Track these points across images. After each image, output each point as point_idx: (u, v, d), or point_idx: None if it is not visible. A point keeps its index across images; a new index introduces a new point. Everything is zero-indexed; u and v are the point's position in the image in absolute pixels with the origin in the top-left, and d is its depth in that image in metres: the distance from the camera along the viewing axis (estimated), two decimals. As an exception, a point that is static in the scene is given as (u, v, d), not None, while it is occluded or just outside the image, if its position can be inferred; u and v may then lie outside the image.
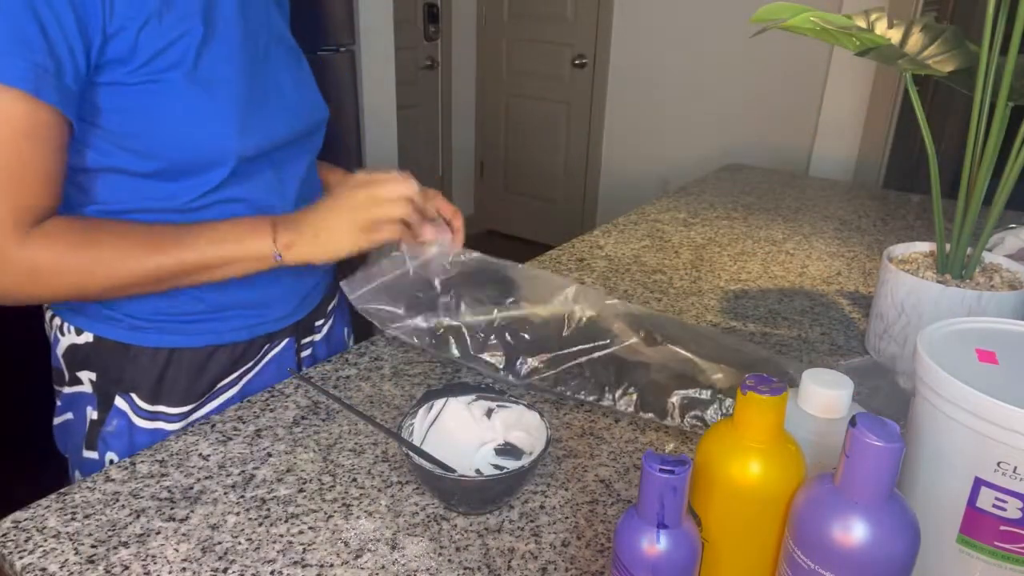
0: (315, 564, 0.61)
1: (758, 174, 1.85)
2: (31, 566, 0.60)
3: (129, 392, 0.84)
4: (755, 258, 1.29)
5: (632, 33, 3.16)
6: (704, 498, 0.52)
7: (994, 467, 0.49)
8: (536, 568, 0.62)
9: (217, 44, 0.76)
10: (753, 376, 0.50)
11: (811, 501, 0.47)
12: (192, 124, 0.75)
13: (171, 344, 0.84)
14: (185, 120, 0.74)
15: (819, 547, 0.46)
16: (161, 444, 0.75)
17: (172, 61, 0.73)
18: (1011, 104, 0.82)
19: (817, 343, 1.00)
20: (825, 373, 0.58)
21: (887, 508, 0.45)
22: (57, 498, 0.67)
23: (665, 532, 0.46)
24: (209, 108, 0.75)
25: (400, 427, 0.69)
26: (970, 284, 0.87)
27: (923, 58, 0.87)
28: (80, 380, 0.85)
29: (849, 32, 0.76)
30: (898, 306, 0.90)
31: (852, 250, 1.35)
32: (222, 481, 0.70)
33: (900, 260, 0.95)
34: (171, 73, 0.73)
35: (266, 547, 0.63)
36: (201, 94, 0.74)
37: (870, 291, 1.17)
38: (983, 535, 0.51)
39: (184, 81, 0.73)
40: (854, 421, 0.44)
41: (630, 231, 1.42)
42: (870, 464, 0.44)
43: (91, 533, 0.63)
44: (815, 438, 0.56)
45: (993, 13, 0.79)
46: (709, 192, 1.67)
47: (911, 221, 1.52)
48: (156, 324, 0.83)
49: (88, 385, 0.85)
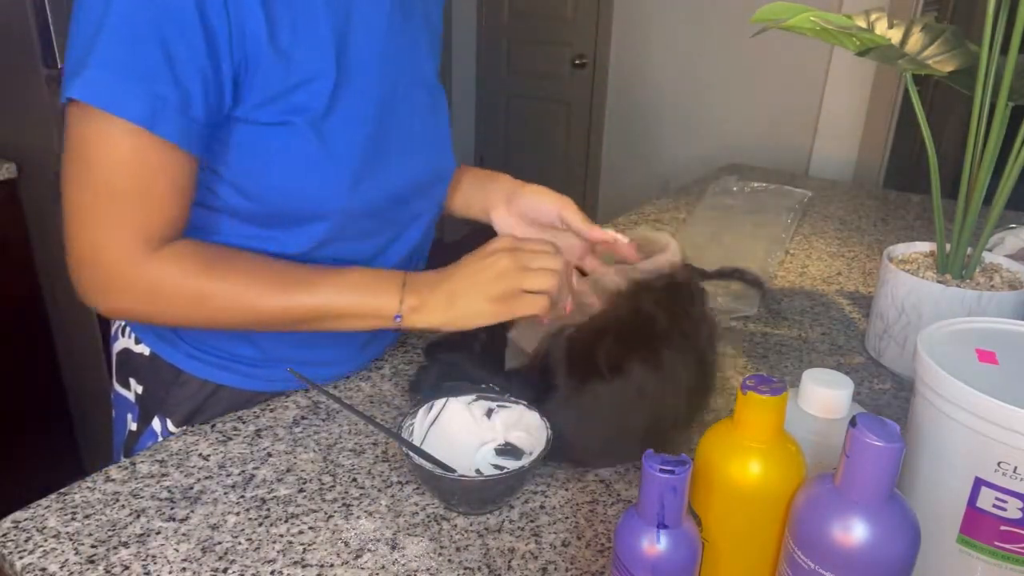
0: (315, 564, 0.61)
1: (758, 174, 1.85)
2: (31, 566, 0.60)
3: (166, 415, 0.83)
4: (755, 258, 1.29)
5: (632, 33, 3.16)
6: (704, 498, 0.52)
7: (994, 467, 0.49)
8: (536, 568, 0.62)
9: (348, 93, 0.70)
10: (753, 376, 0.50)
11: (811, 501, 0.47)
12: (304, 174, 0.70)
13: (219, 380, 0.82)
14: (297, 169, 0.70)
15: (819, 547, 0.46)
16: (161, 444, 0.75)
17: (300, 105, 0.68)
18: (1011, 104, 0.82)
19: (817, 343, 1.00)
20: (825, 373, 0.58)
21: (887, 508, 0.45)
22: (57, 498, 0.67)
23: (665, 532, 0.46)
24: (326, 162, 0.71)
25: (400, 427, 0.69)
26: (970, 284, 0.87)
27: (923, 58, 0.87)
28: (128, 385, 0.85)
29: (849, 32, 0.76)
30: (898, 306, 0.90)
31: (852, 250, 1.35)
32: (222, 481, 0.70)
33: (900, 260, 0.95)
34: (298, 117, 0.68)
35: (266, 547, 0.63)
36: (321, 146, 0.70)
37: (870, 291, 1.17)
38: (983, 535, 0.51)
39: (309, 130, 0.69)
40: (854, 421, 0.44)
41: (630, 231, 1.42)
42: (870, 464, 0.44)
43: (91, 533, 0.63)
44: (815, 438, 0.56)
45: (993, 13, 0.79)
46: (709, 192, 1.67)
47: (911, 221, 1.52)
48: (212, 358, 0.81)
49: (133, 395, 0.85)
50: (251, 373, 0.82)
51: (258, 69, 0.65)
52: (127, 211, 0.65)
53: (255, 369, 0.82)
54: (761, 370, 0.93)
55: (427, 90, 0.83)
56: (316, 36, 0.67)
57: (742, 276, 1.16)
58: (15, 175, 1.81)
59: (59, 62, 1.61)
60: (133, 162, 0.63)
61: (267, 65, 0.65)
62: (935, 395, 0.53)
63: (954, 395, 0.51)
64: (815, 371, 0.58)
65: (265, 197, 0.71)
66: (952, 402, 0.51)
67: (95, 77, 0.60)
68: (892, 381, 0.91)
